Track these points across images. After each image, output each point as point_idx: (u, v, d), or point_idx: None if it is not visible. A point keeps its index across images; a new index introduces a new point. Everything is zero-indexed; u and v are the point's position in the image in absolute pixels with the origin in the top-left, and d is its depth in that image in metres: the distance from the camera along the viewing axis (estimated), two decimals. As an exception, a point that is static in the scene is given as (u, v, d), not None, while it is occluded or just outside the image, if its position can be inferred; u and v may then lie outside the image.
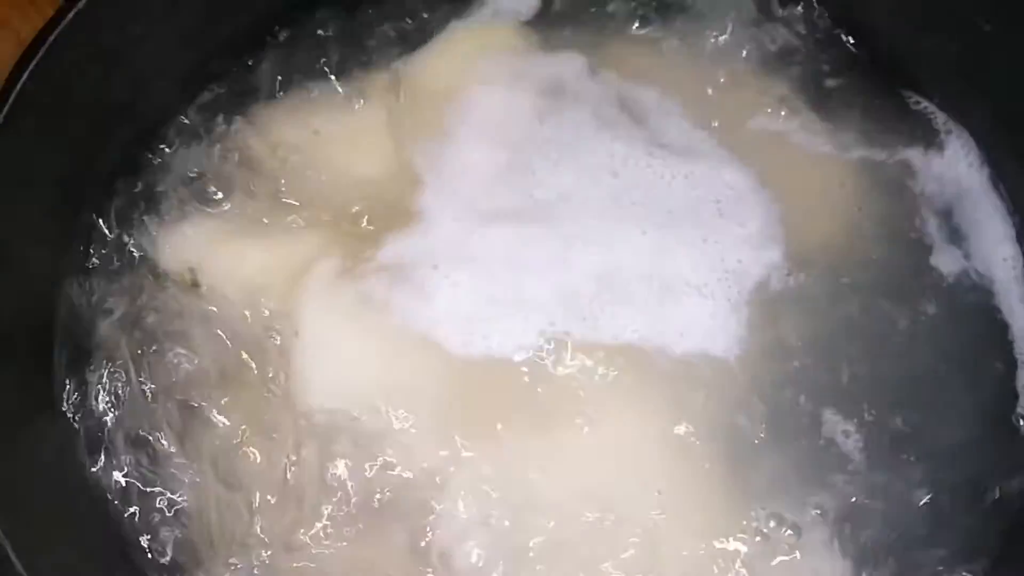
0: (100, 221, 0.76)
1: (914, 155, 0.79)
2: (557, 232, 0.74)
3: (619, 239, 0.75)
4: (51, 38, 0.69)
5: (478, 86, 0.78)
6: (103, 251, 0.76)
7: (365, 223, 0.76)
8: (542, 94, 0.78)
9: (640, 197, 0.76)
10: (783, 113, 0.81)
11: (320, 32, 0.83)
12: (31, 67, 0.68)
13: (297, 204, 0.77)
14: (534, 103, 0.78)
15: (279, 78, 0.81)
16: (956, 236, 0.77)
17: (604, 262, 0.74)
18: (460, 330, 0.71)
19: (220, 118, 0.80)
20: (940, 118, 0.80)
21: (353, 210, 0.76)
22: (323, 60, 0.83)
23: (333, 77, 0.82)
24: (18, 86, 0.68)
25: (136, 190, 0.77)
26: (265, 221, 0.76)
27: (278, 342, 0.72)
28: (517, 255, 0.73)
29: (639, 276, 0.74)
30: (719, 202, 0.77)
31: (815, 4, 0.83)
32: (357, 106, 0.81)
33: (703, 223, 0.76)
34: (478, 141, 0.77)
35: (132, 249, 0.75)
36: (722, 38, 0.82)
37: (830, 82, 0.81)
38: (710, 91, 0.81)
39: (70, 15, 0.70)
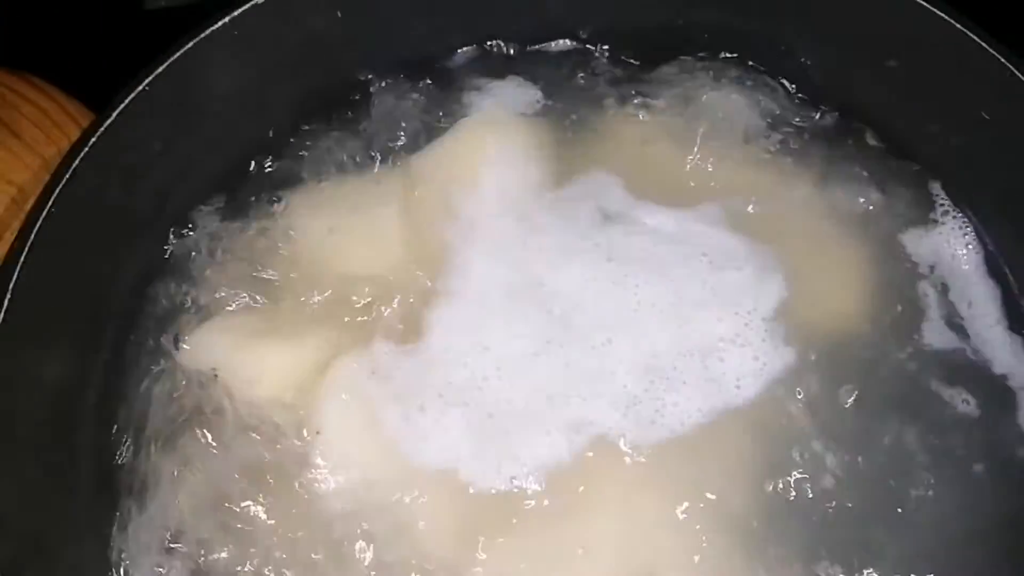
0: (123, 333, 0.78)
1: (909, 230, 0.80)
2: (587, 347, 0.75)
3: (642, 328, 0.76)
4: (76, 162, 0.73)
5: (478, 197, 0.80)
6: (126, 361, 0.78)
7: (381, 327, 0.77)
8: (532, 201, 0.81)
9: (640, 278, 0.77)
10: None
11: (334, 131, 0.86)
12: (58, 191, 0.71)
13: (312, 304, 0.79)
14: (527, 213, 0.80)
15: (293, 180, 0.84)
16: (953, 314, 0.78)
17: (643, 357, 0.75)
18: (484, 466, 0.72)
19: (236, 223, 0.82)
20: (940, 200, 0.81)
21: (368, 313, 0.78)
22: (338, 159, 0.85)
23: (348, 173, 0.85)
24: (46, 210, 0.71)
25: (157, 298, 0.80)
26: (282, 321, 0.78)
27: (299, 442, 0.74)
28: (558, 382, 0.74)
29: (678, 354, 0.75)
30: (706, 254, 0.78)
31: (818, 94, 0.85)
32: (372, 203, 0.83)
33: (704, 279, 0.77)
34: (486, 264, 0.79)
35: (155, 357, 0.78)
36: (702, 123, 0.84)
37: (824, 159, 0.83)
38: (687, 168, 0.83)
39: (93, 139, 0.73)
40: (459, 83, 0.88)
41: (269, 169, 0.85)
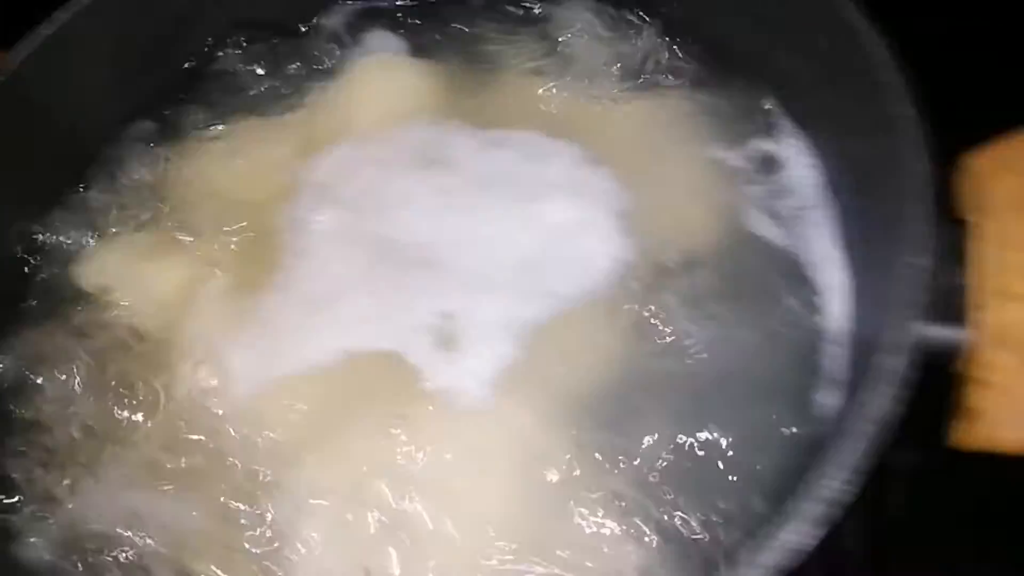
0: (24, 255, 0.87)
1: (740, 144, 0.83)
2: (459, 268, 0.79)
3: (498, 240, 0.79)
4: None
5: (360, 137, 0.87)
6: (26, 281, 0.86)
7: (259, 254, 0.83)
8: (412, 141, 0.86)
9: (477, 199, 0.81)
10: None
11: (240, 71, 0.94)
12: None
13: (203, 229, 0.85)
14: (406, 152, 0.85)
15: (198, 116, 0.92)
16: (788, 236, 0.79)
17: (511, 262, 0.78)
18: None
19: (142, 154, 0.90)
20: (783, 125, 0.83)
21: (251, 240, 0.84)
22: (242, 97, 0.93)
23: (252, 111, 0.92)
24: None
25: (59, 222, 0.88)
26: (172, 244, 0.85)
27: (177, 356, 0.80)
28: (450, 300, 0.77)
29: (540, 247, 0.78)
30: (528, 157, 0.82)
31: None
32: (271, 139, 0.90)
33: (528, 178, 0.82)
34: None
35: (53, 276, 0.86)
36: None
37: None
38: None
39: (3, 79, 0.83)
40: (345, 31, 0.95)
41: (174, 106, 0.93)
